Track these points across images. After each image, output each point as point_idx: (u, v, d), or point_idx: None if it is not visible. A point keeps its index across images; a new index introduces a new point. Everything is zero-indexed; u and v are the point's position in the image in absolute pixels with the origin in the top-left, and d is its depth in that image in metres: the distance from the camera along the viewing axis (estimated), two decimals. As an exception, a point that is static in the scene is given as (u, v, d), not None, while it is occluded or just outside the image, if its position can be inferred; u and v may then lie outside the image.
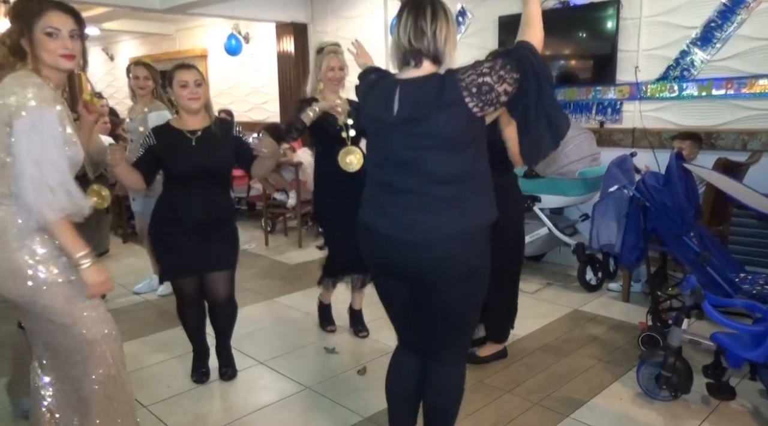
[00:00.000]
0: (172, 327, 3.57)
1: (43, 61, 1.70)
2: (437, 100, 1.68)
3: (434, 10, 1.73)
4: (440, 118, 1.68)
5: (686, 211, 2.88)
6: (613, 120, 4.40)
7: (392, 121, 1.76)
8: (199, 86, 2.52)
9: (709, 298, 2.46)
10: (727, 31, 3.80)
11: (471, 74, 1.68)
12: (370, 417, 2.54)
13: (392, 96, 1.76)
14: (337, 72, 3.06)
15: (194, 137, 2.54)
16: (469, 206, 1.76)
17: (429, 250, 1.75)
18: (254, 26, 7.04)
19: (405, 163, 1.76)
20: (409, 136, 1.74)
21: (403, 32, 1.73)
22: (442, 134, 1.71)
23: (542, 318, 3.63)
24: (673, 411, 2.55)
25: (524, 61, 1.70)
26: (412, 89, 1.74)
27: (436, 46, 1.73)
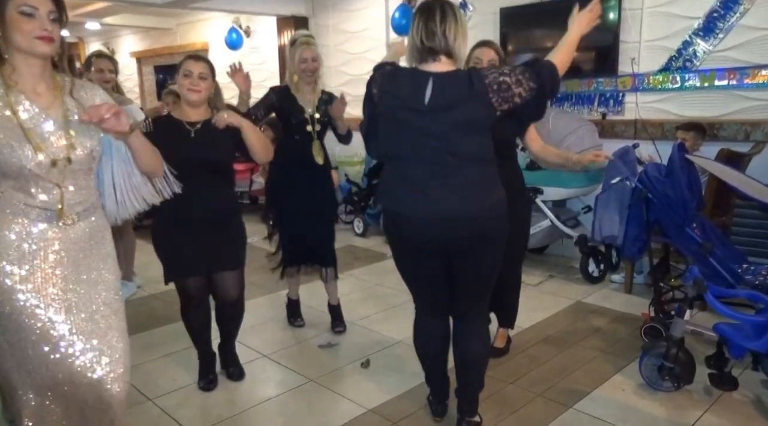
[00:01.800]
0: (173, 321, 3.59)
1: (16, 46, 1.50)
2: (468, 92, 1.94)
3: (443, 11, 1.96)
4: (468, 107, 1.95)
5: (689, 202, 2.87)
6: (614, 111, 4.39)
7: (423, 109, 1.97)
8: (203, 80, 2.46)
9: (712, 288, 2.46)
10: (729, 21, 3.78)
11: (494, 73, 1.96)
12: (374, 409, 2.56)
13: (424, 86, 1.97)
14: (310, 63, 3.05)
15: (194, 129, 2.49)
16: (492, 182, 2.05)
17: (465, 224, 2.00)
18: (255, 20, 7.02)
19: (436, 146, 1.97)
20: (439, 122, 1.96)
21: (416, 33, 1.99)
22: (470, 121, 1.96)
23: (545, 310, 3.63)
24: (675, 401, 2.55)
25: (543, 76, 1.99)
26: (444, 81, 1.96)
27: (447, 43, 1.96)
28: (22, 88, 1.53)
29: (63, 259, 1.61)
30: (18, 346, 1.55)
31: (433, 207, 1.99)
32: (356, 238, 5.58)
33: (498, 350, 3.02)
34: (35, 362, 1.57)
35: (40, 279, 1.57)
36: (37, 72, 1.56)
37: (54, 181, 1.57)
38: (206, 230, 2.51)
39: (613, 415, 2.47)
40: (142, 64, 9.11)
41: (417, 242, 2.10)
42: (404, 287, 2.33)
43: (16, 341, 1.55)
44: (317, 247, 3.27)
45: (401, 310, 3.69)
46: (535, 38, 4.69)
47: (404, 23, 5.41)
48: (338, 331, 3.40)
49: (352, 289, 4.12)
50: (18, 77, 1.53)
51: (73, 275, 1.61)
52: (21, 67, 1.53)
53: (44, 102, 1.57)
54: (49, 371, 1.57)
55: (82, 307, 1.62)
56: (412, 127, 2.00)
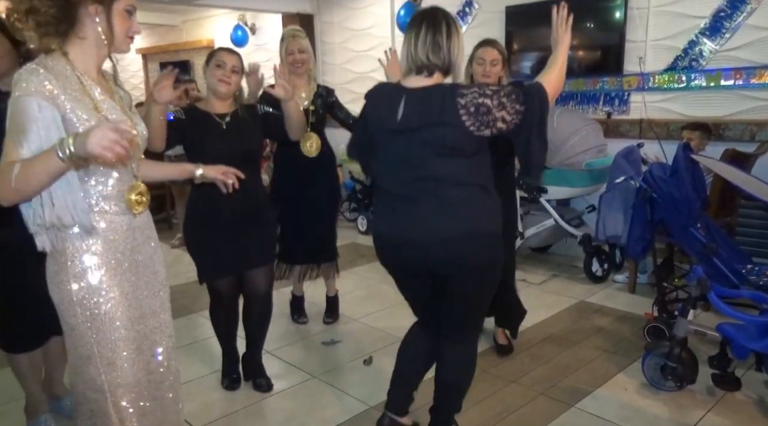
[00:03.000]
0: (178, 316, 3.61)
1: (113, 41, 1.50)
2: (438, 116, 1.78)
3: (449, 26, 1.85)
4: (438, 128, 1.80)
5: (693, 202, 2.87)
6: (620, 111, 4.38)
7: (396, 128, 1.87)
8: (235, 73, 2.42)
9: (716, 289, 2.46)
10: (736, 20, 3.77)
11: (474, 92, 1.77)
12: (376, 406, 2.56)
13: (397, 104, 1.87)
14: (297, 55, 3.05)
15: (223, 121, 2.45)
16: (474, 208, 1.88)
17: (442, 249, 1.87)
18: (260, 17, 7.03)
19: (411, 168, 1.87)
20: (413, 143, 1.85)
21: (422, 47, 1.83)
22: (442, 143, 1.81)
23: (548, 309, 3.64)
24: (678, 401, 2.55)
25: (532, 96, 1.80)
26: (416, 100, 1.84)
27: (450, 60, 1.85)
28: (89, 75, 1.50)
29: (133, 250, 1.60)
30: (110, 347, 1.53)
31: (405, 231, 1.89)
32: (360, 236, 5.59)
33: (502, 347, 3.03)
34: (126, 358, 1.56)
35: (122, 274, 1.56)
36: (100, 60, 1.55)
37: (131, 169, 1.57)
38: (239, 225, 2.47)
39: (615, 414, 2.47)
40: (148, 60, 9.13)
41: (395, 263, 2.06)
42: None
43: (110, 340, 1.53)
44: (316, 243, 3.26)
45: (404, 308, 3.66)
46: (540, 37, 4.67)
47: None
48: (327, 322, 3.44)
49: (356, 287, 4.13)
50: (83, 64, 1.49)
51: (138, 266, 1.62)
52: (87, 53, 1.49)
53: (106, 89, 1.56)
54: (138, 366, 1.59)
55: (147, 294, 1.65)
56: (389, 147, 1.93)
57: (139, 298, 1.61)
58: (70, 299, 1.50)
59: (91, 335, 1.51)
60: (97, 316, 1.51)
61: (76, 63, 1.47)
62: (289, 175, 3.17)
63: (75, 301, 1.50)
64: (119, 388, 1.55)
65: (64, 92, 1.41)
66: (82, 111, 1.43)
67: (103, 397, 1.54)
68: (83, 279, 1.49)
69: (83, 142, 1.27)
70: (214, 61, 2.42)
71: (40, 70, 1.39)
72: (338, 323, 3.47)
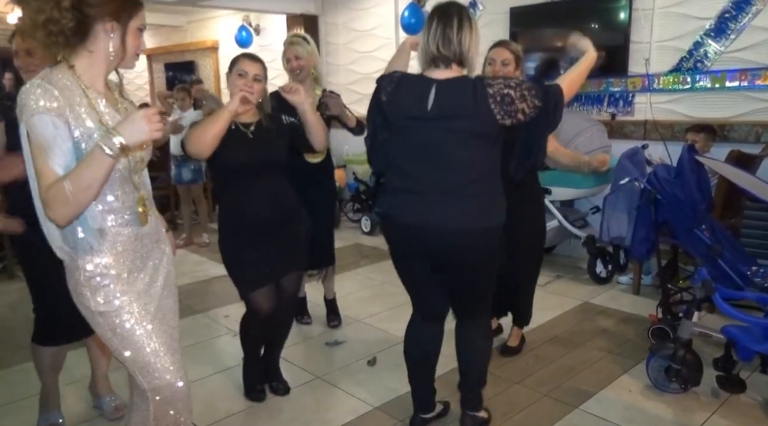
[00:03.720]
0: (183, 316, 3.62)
1: (123, 56, 1.53)
2: (471, 101, 1.89)
3: (460, 19, 1.94)
4: (471, 116, 1.91)
5: (698, 203, 2.86)
6: (624, 112, 4.37)
7: (425, 117, 1.95)
8: (258, 82, 2.33)
9: (720, 290, 2.45)
10: (741, 22, 3.76)
11: (500, 83, 1.90)
12: (380, 407, 2.57)
13: (427, 93, 1.94)
14: (293, 62, 3.05)
15: (249, 131, 2.38)
16: (495, 202, 2.01)
17: (453, 238, 1.98)
18: (265, 18, 7.05)
19: (434, 155, 1.96)
20: (442, 131, 1.94)
21: (432, 40, 1.95)
22: (472, 130, 1.93)
23: (552, 310, 3.63)
24: (682, 403, 2.55)
25: (549, 96, 1.93)
26: (447, 89, 1.94)
27: (461, 52, 1.95)
28: (94, 88, 1.50)
29: (143, 258, 1.62)
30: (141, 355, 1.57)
31: (423, 216, 1.98)
32: (363, 237, 5.60)
33: (511, 349, 3.04)
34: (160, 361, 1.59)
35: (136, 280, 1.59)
36: (106, 73, 1.55)
37: (133, 182, 1.57)
38: (272, 234, 2.41)
39: (619, 416, 2.47)
40: (153, 61, 9.16)
41: (407, 248, 2.12)
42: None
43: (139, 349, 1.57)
44: (313, 247, 3.14)
45: (408, 309, 3.67)
46: (545, 38, 4.68)
47: (413, 22, 5.41)
48: (333, 325, 3.44)
49: (360, 287, 4.13)
50: (90, 77, 1.49)
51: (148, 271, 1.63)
52: (95, 67, 1.50)
53: (112, 103, 1.55)
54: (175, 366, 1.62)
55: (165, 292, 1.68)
56: (414, 136, 1.99)
57: (159, 302, 1.64)
58: (90, 311, 1.53)
59: (118, 344, 1.55)
60: (121, 333, 1.54)
61: (82, 76, 1.47)
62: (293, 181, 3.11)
63: (96, 313, 1.53)
64: (160, 390, 1.58)
65: (69, 106, 1.41)
66: (88, 124, 1.44)
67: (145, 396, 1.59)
68: (100, 294, 1.52)
69: (133, 131, 1.35)
70: (236, 69, 2.34)
71: (46, 86, 1.40)
72: (342, 324, 3.48)
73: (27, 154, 1.43)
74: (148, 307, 1.59)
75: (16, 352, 3.07)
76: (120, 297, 1.53)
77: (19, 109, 1.40)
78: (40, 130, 1.37)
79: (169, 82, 8.75)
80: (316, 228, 3.11)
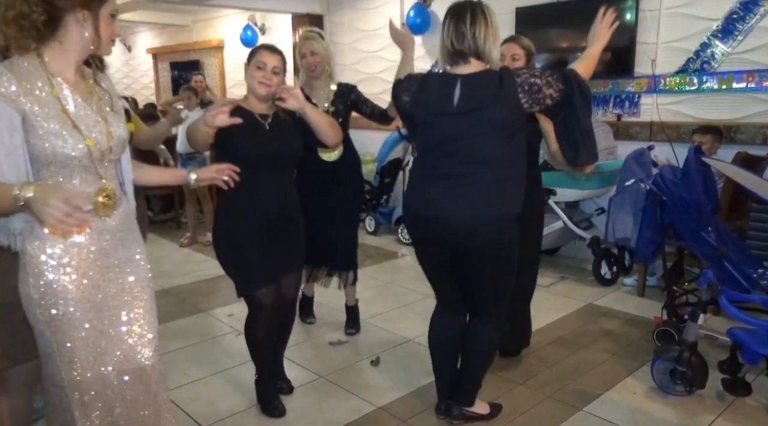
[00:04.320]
0: (187, 315, 3.63)
1: (97, 45, 1.52)
2: (497, 93, 1.95)
3: (473, 14, 1.99)
4: (498, 107, 1.96)
5: (704, 205, 2.85)
6: (630, 113, 4.36)
7: (451, 112, 1.99)
8: (276, 74, 2.27)
9: (726, 293, 2.44)
10: (749, 22, 3.74)
11: (525, 74, 1.97)
12: (384, 406, 2.57)
13: (452, 89, 2.00)
14: (308, 58, 2.96)
15: (266, 122, 2.31)
16: (508, 192, 2.05)
17: (472, 228, 2.02)
18: (270, 17, 7.05)
19: (460, 149, 2.00)
20: (466, 124, 1.99)
21: (447, 36, 2.02)
22: (499, 122, 1.97)
23: (556, 311, 3.62)
24: (687, 406, 2.53)
25: (570, 78, 1.99)
26: (473, 82, 1.99)
27: (476, 46, 1.99)
28: (63, 76, 1.50)
29: (100, 252, 1.58)
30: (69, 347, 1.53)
31: (446, 208, 2.03)
32: (368, 236, 5.59)
33: (507, 351, 3.00)
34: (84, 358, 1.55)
35: (84, 275, 1.55)
36: (79, 62, 1.54)
37: (97, 172, 1.55)
38: (275, 231, 2.34)
39: (623, 418, 2.46)
40: (158, 60, 9.19)
41: (429, 240, 2.18)
42: (415, 286, 2.36)
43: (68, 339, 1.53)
44: (330, 249, 3.13)
45: (412, 309, 3.69)
46: (550, 38, 4.66)
47: (419, 21, 5.41)
48: (350, 332, 3.36)
49: (364, 287, 4.12)
50: (58, 66, 1.49)
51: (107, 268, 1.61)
52: (65, 56, 1.49)
53: (82, 91, 1.54)
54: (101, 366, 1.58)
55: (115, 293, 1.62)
56: (437, 131, 2.04)
57: (106, 301, 1.59)
58: (29, 299, 1.51)
59: (49, 335, 1.52)
60: (55, 316, 1.51)
61: (50, 65, 1.47)
62: (305, 179, 2.93)
63: (34, 301, 1.50)
64: (80, 385, 1.55)
65: (26, 94, 1.41)
66: (46, 111, 1.44)
67: (64, 393, 1.55)
68: (42, 278, 1.50)
69: (39, 203, 1.31)
70: (254, 61, 2.26)
71: (3, 71, 1.40)
72: (345, 324, 3.46)
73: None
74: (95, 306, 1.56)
75: None
76: (62, 288, 1.51)
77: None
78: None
79: (175, 82, 8.78)
80: (327, 224, 3.03)
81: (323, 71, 3.03)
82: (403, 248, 5.12)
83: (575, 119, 2.00)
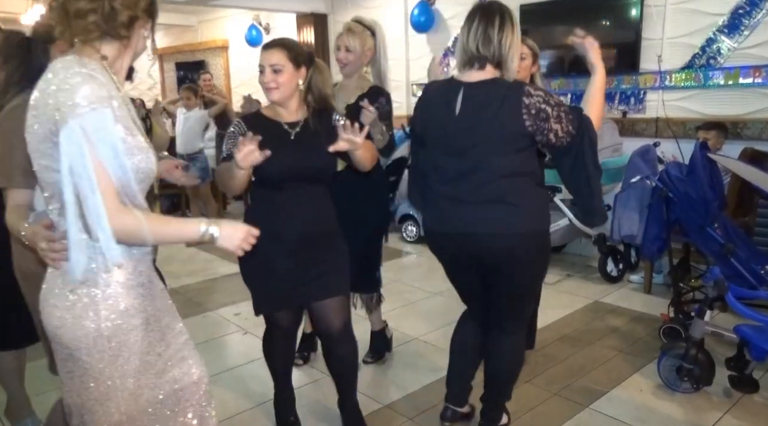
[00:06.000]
0: (194, 314, 3.65)
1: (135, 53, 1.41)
2: (499, 104, 1.85)
3: (502, 19, 1.89)
4: (497, 120, 1.86)
5: (710, 201, 2.84)
6: (635, 109, 4.34)
7: (454, 121, 1.92)
8: (277, 72, 1.95)
9: (733, 289, 2.43)
10: (755, 17, 3.71)
11: (539, 97, 1.86)
12: (390, 405, 2.57)
13: (455, 97, 1.92)
14: (342, 52, 2.62)
15: (293, 131, 2.03)
16: (525, 200, 1.93)
17: (494, 243, 1.94)
18: (275, 17, 7.07)
19: (464, 162, 1.92)
20: (468, 135, 1.90)
21: (473, 39, 1.90)
22: (499, 134, 1.87)
23: (562, 309, 3.61)
24: (694, 403, 2.53)
25: (583, 127, 1.89)
26: (475, 91, 1.91)
27: (500, 53, 1.89)
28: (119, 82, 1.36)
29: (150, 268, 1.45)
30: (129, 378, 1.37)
31: (457, 226, 1.97)
32: (373, 235, 5.59)
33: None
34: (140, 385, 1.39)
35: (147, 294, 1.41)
36: (127, 68, 1.42)
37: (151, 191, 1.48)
38: (305, 252, 2.05)
39: (630, 415, 2.45)
40: (164, 60, 9.21)
41: (449, 257, 2.13)
42: (420, 284, 2.36)
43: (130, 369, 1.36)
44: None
45: (417, 307, 3.70)
46: (555, 35, 4.65)
47: (423, 20, 5.41)
48: (366, 361, 2.95)
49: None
50: (115, 70, 1.35)
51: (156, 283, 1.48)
52: (121, 61, 1.36)
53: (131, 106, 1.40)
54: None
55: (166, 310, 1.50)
56: (443, 142, 1.97)
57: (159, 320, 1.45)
58: (97, 335, 1.29)
59: (114, 370, 1.32)
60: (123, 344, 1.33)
61: (111, 68, 1.32)
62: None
63: (105, 337, 1.30)
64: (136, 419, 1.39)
65: (116, 98, 1.25)
66: (128, 121, 1.28)
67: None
68: (115, 310, 1.31)
69: (231, 236, 1.39)
70: (258, 66, 2.01)
71: (98, 70, 1.22)
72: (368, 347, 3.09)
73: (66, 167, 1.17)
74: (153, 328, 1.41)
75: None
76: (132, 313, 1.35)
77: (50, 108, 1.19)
78: (100, 125, 1.18)
79: (180, 82, 8.81)
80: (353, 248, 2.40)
81: (356, 71, 2.65)
82: (407, 246, 5.13)
83: (583, 168, 1.91)
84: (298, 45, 2.06)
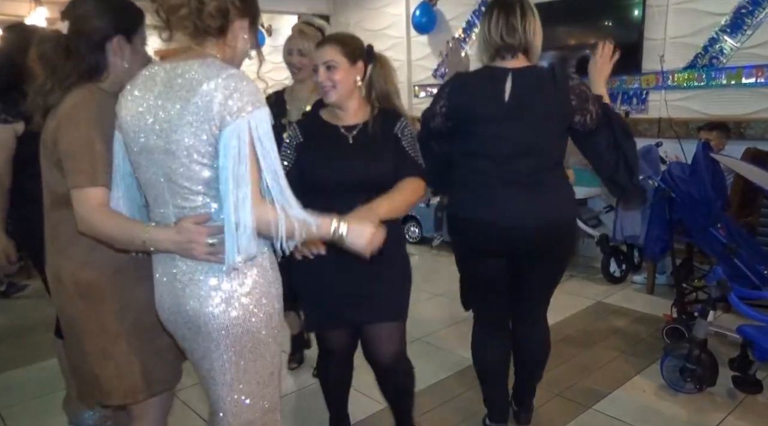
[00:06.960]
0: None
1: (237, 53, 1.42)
2: (552, 87, 1.91)
3: (522, 7, 1.93)
4: (552, 102, 1.91)
5: (713, 201, 2.83)
6: (638, 109, 4.33)
7: (502, 107, 1.90)
8: (332, 68, 1.80)
9: (736, 290, 2.42)
10: (758, 17, 3.70)
11: (577, 79, 1.95)
12: (392, 406, 2.57)
13: (503, 83, 1.91)
14: (294, 56, 2.42)
15: (351, 135, 1.87)
16: (566, 187, 2.03)
17: (526, 232, 1.94)
18: (277, 19, 7.08)
19: (513, 146, 1.91)
20: (520, 120, 1.90)
21: (495, 30, 1.92)
22: (552, 118, 1.93)
23: (565, 309, 3.61)
24: (697, 404, 2.52)
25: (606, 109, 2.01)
26: (525, 76, 1.92)
27: (527, 40, 1.93)
28: None
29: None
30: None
31: (506, 212, 1.92)
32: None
33: None
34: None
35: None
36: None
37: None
38: (360, 267, 1.70)
39: (632, 416, 2.45)
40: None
41: (486, 246, 2.03)
42: (422, 284, 2.33)
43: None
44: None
45: (419, 308, 3.69)
46: (558, 35, 4.64)
47: (424, 21, 5.41)
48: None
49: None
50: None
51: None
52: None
53: None
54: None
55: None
56: (489, 130, 1.92)
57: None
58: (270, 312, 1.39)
59: (277, 347, 1.42)
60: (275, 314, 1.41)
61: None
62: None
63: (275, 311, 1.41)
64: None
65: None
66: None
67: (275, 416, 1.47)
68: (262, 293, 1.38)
69: (359, 234, 1.39)
70: (313, 66, 1.87)
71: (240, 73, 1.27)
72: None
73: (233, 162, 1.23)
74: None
75: (33, 350, 3.12)
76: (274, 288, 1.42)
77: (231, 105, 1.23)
78: (268, 128, 1.27)
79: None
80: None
81: (307, 77, 2.39)
82: (409, 247, 5.10)
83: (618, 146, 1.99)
84: (355, 38, 1.90)
